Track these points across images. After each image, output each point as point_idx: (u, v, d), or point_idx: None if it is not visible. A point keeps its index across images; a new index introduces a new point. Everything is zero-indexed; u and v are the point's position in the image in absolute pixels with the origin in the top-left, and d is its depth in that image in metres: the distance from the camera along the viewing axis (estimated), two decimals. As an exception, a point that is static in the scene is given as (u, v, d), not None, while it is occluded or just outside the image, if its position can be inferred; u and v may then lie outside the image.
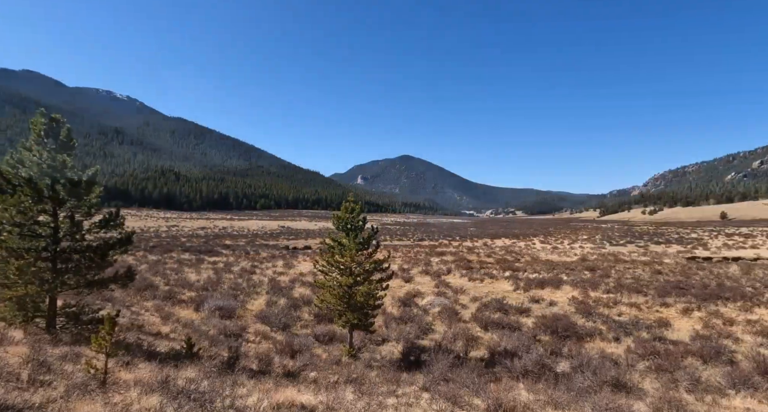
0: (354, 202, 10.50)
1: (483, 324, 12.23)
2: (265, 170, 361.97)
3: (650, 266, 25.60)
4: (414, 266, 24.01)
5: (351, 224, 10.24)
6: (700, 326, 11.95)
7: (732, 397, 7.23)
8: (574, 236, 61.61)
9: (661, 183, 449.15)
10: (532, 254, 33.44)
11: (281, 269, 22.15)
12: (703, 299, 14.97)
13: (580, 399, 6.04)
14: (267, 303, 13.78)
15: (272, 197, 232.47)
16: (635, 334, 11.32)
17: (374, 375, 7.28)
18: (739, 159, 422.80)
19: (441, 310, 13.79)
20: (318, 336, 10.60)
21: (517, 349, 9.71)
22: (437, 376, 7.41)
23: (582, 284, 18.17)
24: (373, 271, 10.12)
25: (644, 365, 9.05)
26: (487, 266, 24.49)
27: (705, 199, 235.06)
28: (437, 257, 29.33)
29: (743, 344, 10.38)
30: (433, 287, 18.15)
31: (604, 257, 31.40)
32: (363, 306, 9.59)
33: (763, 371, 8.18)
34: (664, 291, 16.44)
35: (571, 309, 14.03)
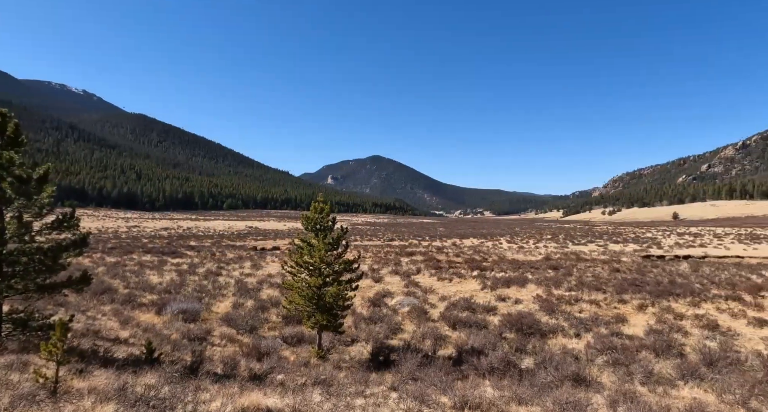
0: (323, 202, 10.42)
1: (451, 323, 12.41)
2: (232, 170, 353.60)
3: (609, 264, 26.74)
4: (384, 266, 24.07)
5: (320, 224, 10.16)
6: (653, 321, 12.58)
7: (681, 387, 7.66)
8: (539, 236, 63.58)
9: (619, 185, 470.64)
10: (499, 254, 34.24)
11: (249, 270, 21.68)
12: (657, 296, 15.77)
13: (543, 394, 6.25)
14: (233, 305, 13.46)
15: (240, 197, 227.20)
16: (595, 330, 11.79)
17: (343, 376, 7.25)
18: (690, 163, 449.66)
19: (410, 309, 13.90)
20: (286, 338, 10.45)
21: (484, 347, 9.92)
22: (406, 375, 7.46)
23: (546, 283, 18.75)
24: (342, 271, 10.08)
25: (602, 359, 9.44)
26: (456, 266, 24.88)
27: (659, 201, 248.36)
28: (407, 257, 29.53)
29: (691, 337, 11.01)
30: (403, 286, 18.26)
31: (567, 256, 32.55)
32: (332, 307, 9.53)
33: (709, 362, 8.72)
34: (622, 288, 17.20)
35: (535, 307, 14.45)
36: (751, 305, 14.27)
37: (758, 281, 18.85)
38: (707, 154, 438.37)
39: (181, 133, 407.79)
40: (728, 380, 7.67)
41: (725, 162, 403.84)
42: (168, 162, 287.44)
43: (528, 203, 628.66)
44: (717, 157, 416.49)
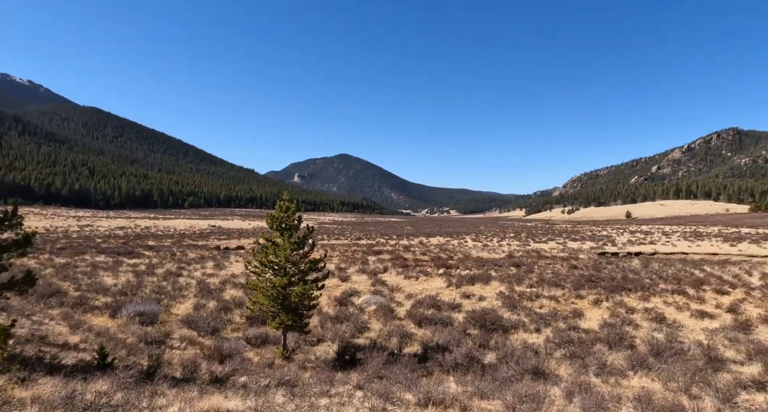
0: (289, 200, 10.27)
1: (417, 321, 12.55)
2: (194, 167, 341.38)
3: (568, 261, 27.85)
4: (351, 265, 24.00)
5: (286, 223, 10.01)
6: (607, 315, 13.21)
7: (631, 377, 8.11)
8: (503, 234, 65.34)
9: (578, 185, 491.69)
10: (464, 252, 34.92)
11: (211, 270, 21.03)
12: (611, 291, 16.57)
13: (504, 388, 6.44)
14: (195, 307, 13.02)
15: (202, 195, 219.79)
16: (553, 324, 12.26)
17: (308, 376, 7.18)
18: (641, 164, 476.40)
19: (377, 308, 13.94)
20: (250, 339, 10.23)
21: (449, 343, 10.11)
22: (371, 373, 7.49)
23: (509, 280, 19.28)
24: (308, 271, 9.98)
25: (560, 352, 9.83)
26: (422, 264, 25.16)
27: (614, 200, 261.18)
28: (374, 256, 29.57)
29: (641, 329, 11.66)
30: (370, 285, 18.27)
31: (529, 254, 33.63)
32: (297, 307, 9.42)
33: (656, 353, 9.27)
34: (579, 284, 17.95)
35: (498, 303, 14.85)
36: (694, 299, 15.27)
37: (700, 276, 20.20)
38: (657, 157, 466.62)
39: (138, 128, 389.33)
40: (673, 369, 8.18)
41: (673, 164, 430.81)
42: (124, 158, 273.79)
43: (492, 202, 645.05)
44: (665, 159, 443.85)
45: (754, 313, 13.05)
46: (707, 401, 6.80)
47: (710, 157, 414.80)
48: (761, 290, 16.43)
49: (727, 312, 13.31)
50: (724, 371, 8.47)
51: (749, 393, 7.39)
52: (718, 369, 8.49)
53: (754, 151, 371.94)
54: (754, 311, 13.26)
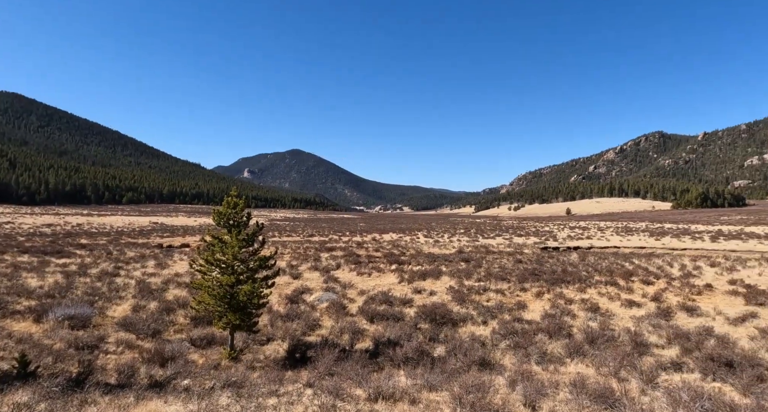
0: (237, 196, 9.91)
1: (369, 317, 12.61)
2: (134, 160, 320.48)
3: (513, 256, 29.17)
4: (303, 263, 23.64)
5: (234, 219, 9.66)
6: (548, 307, 13.99)
7: (568, 364, 8.66)
8: (453, 230, 67.18)
9: (523, 183, 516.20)
10: (416, 248, 35.53)
11: (152, 269, 19.87)
12: (552, 283, 17.58)
13: (452, 379, 6.63)
14: (133, 308, 12.24)
15: (143, 191, 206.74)
16: (499, 317, 12.79)
17: (256, 376, 6.99)
18: (580, 164, 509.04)
19: (329, 305, 13.84)
20: (194, 340, 9.78)
21: (400, 338, 10.25)
22: (322, 371, 7.42)
23: (458, 274, 19.87)
24: (258, 268, 9.70)
25: (505, 343, 10.28)
26: (375, 260, 25.29)
27: (555, 197, 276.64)
28: (327, 253, 29.32)
29: (578, 319, 12.47)
30: (322, 282, 18.11)
31: (478, 249, 34.84)
32: (246, 306, 9.13)
33: (591, 340, 9.96)
34: (523, 278, 18.87)
35: (448, 298, 15.25)
36: (624, 289, 16.55)
37: (630, 268, 21.93)
38: (594, 157, 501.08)
39: (69, 117, 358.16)
40: (605, 354, 8.83)
41: (607, 164, 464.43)
42: (52, 149, 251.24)
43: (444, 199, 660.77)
44: (601, 159, 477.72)
45: (674, 301, 14.38)
46: (633, 382, 7.40)
47: (639, 158, 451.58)
48: (680, 280, 18.12)
49: (651, 301, 14.55)
50: (648, 354, 9.26)
51: (668, 374, 8.14)
52: (643, 353, 9.26)
53: (675, 153, 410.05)
54: (674, 299, 14.60)
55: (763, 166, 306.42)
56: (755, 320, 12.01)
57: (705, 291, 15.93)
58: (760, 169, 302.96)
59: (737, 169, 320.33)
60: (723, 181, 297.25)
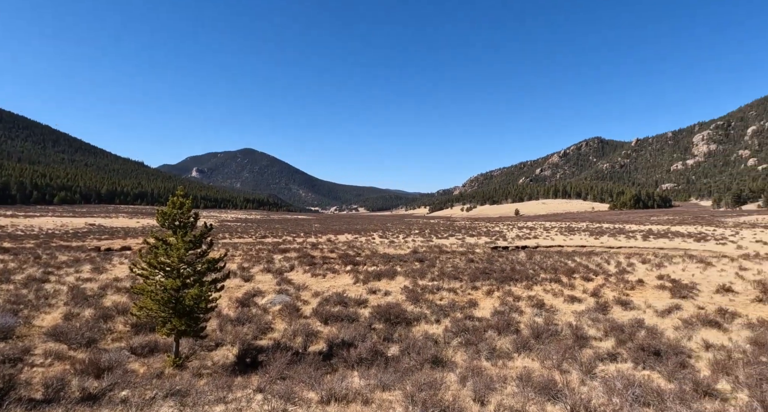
0: (184, 196, 9.46)
1: (323, 318, 12.47)
2: (67, 157, 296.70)
3: (466, 255, 30.01)
4: (255, 265, 22.96)
5: (180, 220, 9.21)
6: (498, 304, 14.52)
7: (516, 359, 9.03)
8: (408, 231, 68.00)
9: (475, 184, 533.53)
10: (371, 249, 35.60)
11: (88, 274, 18.48)
12: (501, 281, 18.26)
13: (405, 378, 6.71)
14: (65, 316, 11.32)
15: (78, 190, 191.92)
16: (452, 315, 13.10)
17: (203, 384, 6.69)
18: (528, 166, 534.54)
19: (282, 308, 13.54)
20: (135, 349, 9.20)
21: (354, 339, 10.22)
22: (274, 375, 7.24)
23: (413, 274, 20.14)
24: (206, 271, 9.30)
25: (457, 340, 10.55)
26: (330, 261, 25.07)
27: (505, 199, 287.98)
28: (280, 254, 28.68)
29: (525, 315, 13.04)
30: (275, 284, 17.69)
31: (432, 249, 35.49)
32: (193, 310, 8.72)
33: (536, 335, 10.46)
34: (475, 276, 19.45)
35: (402, 297, 15.41)
36: (566, 285, 17.52)
37: (572, 266, 23.24)
38: (540, 160, 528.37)
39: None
40: (549, 348, 9.30)
41: (552, 167, 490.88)
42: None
43: (399, 200, 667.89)
44: (547, 162, 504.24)
45: (611, 296, 15.42)
46: (574, 374, 7.86)
47: (581, 162, 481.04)
48: (616, 276, 19.47)
49: (591, 296, 15.51)
50: (588, 347, 9.87)
51: (605, 364, 8.71)
52: (583, 346, 9.86)
53: (612, 157, 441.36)
54: (611, 295, 15.66)
55: (686, 170, 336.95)
56: (679, 311, 13.14)
57: (637, 286, 17.21)
58: (683, 173, 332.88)
59: (665, 173, 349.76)
60: (653, 184, 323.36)
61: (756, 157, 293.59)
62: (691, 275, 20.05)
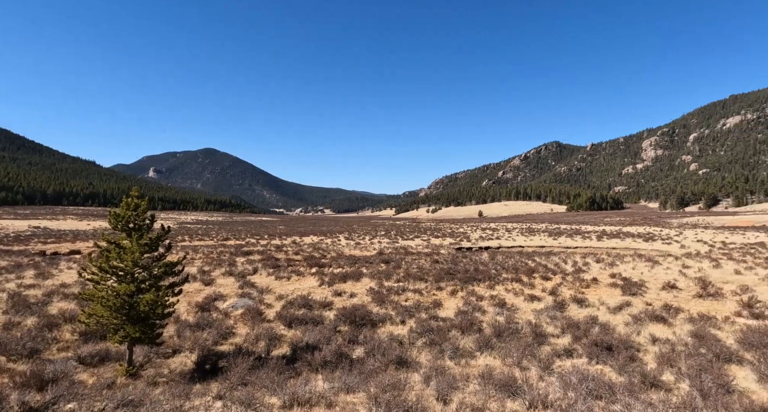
0: (139, 197, 9.03)
1: (287, 322, 12.26)
2: (8, 156, 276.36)
3: (431, 256, 30.40)
4: (216, 268, 22.26)
5: (135, 222, 8.79)
6: (462, 304, 14.80)
7: (478, 357, 9.23)
8: (374, 232, 68.11)
9: (440, 186, 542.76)
10: (337, 250, 35.37)
11: (32, 280, 17.28)
12: (465, 281, 18.63)
13: (369, 380, 6.71)
14: (4, 326, 10.52)
15: (20, 190, 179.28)
16: (417, 315, 13.22)
17: (158, 393, 6.40)
18: (491, 169, 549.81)
19: (244, 311, 13.19)
20: (83, 358, 8.68)
21: (319, 342, 10.11)
22: (235, 381, 7.04)
23: (378, 276, 20.18)
24: (163, 275, 8.92)
25: (422, 341, 10.66)
26: (295, 264, 24.70)
27: (469, 200, 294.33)
28: (243, 257, 27.95)
29: (487, 314, 13.36)
30: (237, 288, 17.22)
31: (397, 251, 35.70)
32: (148, 316, 8.34)
33: (498, 333, 10.73)
34: (440, 277, 19.74)
35: (368, 299, 15.40)
36: (527, 285, 18.11)
37: (532, 265, 24.06)
38: (502, 163, 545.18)
39: None
40: (510, 346, 9.58)
41: (514, 170, 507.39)
42: None
43: (365, 202, 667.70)
44: (509, 165, 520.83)
45: (567, 294, 16.08)
46: (533, 370, 8.13)
47: (540, 165, 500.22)
48: (572, 275, 20.33)
49: (549, 295, 16.11)
50: (546, 344, 10.23)
51: (562, 360, 9.07)
52: (542, 343, 10.22)
53: (570, 161, 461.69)
54: (568, 293, 16.33)
55: (636, 174, 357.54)
56: (629, 308, 13.89)
57: (592, 284, 18.05)
58: (633, 177, 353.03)
59: (617, 177, 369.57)
60: (606, 186, 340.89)
61: (697, 162, 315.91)
62: (640, 273, 21.25)
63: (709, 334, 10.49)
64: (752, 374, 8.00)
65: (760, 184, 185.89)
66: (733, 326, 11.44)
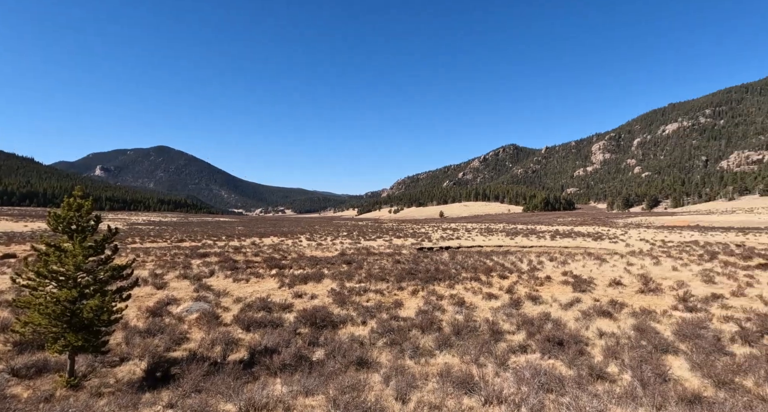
0: (82, 196, 8.49)
1: (245, 325, 11.94)
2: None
3: (393, 256, 30.58)
4: (170, 271, 21.30)
5: (78, 223, 8.25)
6: (422, 303, 14.99)
7: (437, 356, 9.40)
8: (336, 233, 67.65)
9: (402, 187, 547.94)
10: (298, 251, 34.84)
11: (-42, 287, 15.79)
12: (426, 281, 18.89)
13: (329, 382, 6.66)
14: (-76, 339, 9.55)
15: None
16: (378, 316, 13.26)
17: (103, 404, 6.04)
18: (451, 170, 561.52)
19: (199, 316, 12.71)
20: (18, 370, 8.04)
21: (278, 345, 9.91)
22: (188, 388, 6.77)
23: (340, 277, 20.06)
24: (109, 280, 8.43)
25: (383, 341, 10.70)
26: (254, 265, 24.08)
27: (431, 201, 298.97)
28: (199, 259, 26.92)
29: (447, 313, 13.62)
30: (192, 291, 16.56)
31: (360, 251, 35.65)
32: (92, 323, 7.85)
33: (457, 332, 10.98)
34: (401, 277, 19.90)
35: (329, 300, 15.28)
36: (485, 283, 18.63)
37: (490, 265, 24.78)
38: (462, 165, 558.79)
39: None
40: (468, 344, 9.82)
41: (474, 171, 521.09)
42: None
43: (328, 202, 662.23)
44: (468, 167, 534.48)
45: (523, 292, 16.69)
46: (490, 367, 8.38)
47: (498, 167, 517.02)
48: (528, 274, 21.13)
49: (506, 293, 16.66)
50: (502, 340, 10.58)
51: (516, 356, 9.41)
52: (498, 340, 10.55)
53: (526, 163, 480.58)
54: (523, 291, 16.95)
55: (586, 176, 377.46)
56: (579, 304, 14.63)
57: (545, 282, 18.84)
58: (584, 179, 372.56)
59: (569, 179, 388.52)
60: (560, 188, 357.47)
61: (640, 165, 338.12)
62: (590, 270, 22.43)
63: (649, 327, 11.24)
64: (686, 363, 8.65)
65: (694, 187, 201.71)
66: (670, 319, 12.32)
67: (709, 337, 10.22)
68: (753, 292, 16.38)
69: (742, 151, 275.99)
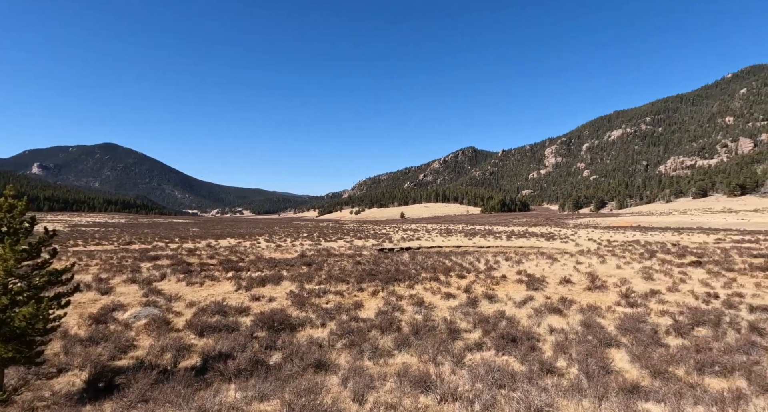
0: (15, 196, 7.84)
1: (198, 330, 11.48)
2: None
3: (353, 258, 30.50)
4: (117, 275, 20.14)
5: (9, 225, 7.61)
6: (382, 304, 15.05)
7: (396, 356, 9.47)
8: (296, 234, 66.56)
9: (364, 188, 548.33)
10: (256, 253, 33.95)
11: None
12: (386, 282, 19.00)
13: (285, 386, 6.54)
14: None
15: None
16: (337, 317, 13.17)
17: (38, 420, 5.61)
18: (412, 172, 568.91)
19: (148, 322, 12.08)
20: (-62, 388, 7.30)
21: (233, 350, 9.62)
22: (133, 398, 6.43)
23: (300, 278, 19.76)
24: (46, 285, 7.83)
25: (342, 343, 10.64)
26: (209, 268, 23.24)
27: (392, 202, 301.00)
28: (149, 263, 25.62)
29: (406, 313, 13.76)
30: (141, 296, 15.74)
31: (320, 253, 35.27)
32: (25, 333, 7.26)
33: (415, 331, 11.11)
34: (361, 278, 19.89)
35: (288, 303, 15.01)
36: (444, 283, 19.00)
37: (449, 265, 25.30)
38: (423, 166, 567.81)
39: None
40: (426, 343, 9.97)
41: (434, 173, 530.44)
42: None
43: (288, 203, 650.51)
44: (429, 168, 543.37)
45: (480, 291, 17.17)
46: (446, 365, 8.55)
47: (458, 169, 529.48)
48: (484, 273, 21.76)
49: (463, 292, 17.07)
50: (459, 339, 10.83)
51: (473, 353, 9.66)
52: (455, 338, 10.79)
53: (484, 166, 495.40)
54: (480, 290, 17.44)
55: (540, 179, 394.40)
56: (532, 302, 15.25)
57: (501, 281, 19.49)
58: (538, 181, 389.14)
59: (524, 181, 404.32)
60: (515, 190, 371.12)
61: (589, 169, 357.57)
62: (542, 269, 23.42)
63: (595, 322, 11.90)
64: (626, 356, 9.24)
65: (636, 190, 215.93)
66: (613, 315, 13.11)
67: (647, 330, 10.97)
68: (686, 287, 17.76)
69: (677, 156, 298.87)
